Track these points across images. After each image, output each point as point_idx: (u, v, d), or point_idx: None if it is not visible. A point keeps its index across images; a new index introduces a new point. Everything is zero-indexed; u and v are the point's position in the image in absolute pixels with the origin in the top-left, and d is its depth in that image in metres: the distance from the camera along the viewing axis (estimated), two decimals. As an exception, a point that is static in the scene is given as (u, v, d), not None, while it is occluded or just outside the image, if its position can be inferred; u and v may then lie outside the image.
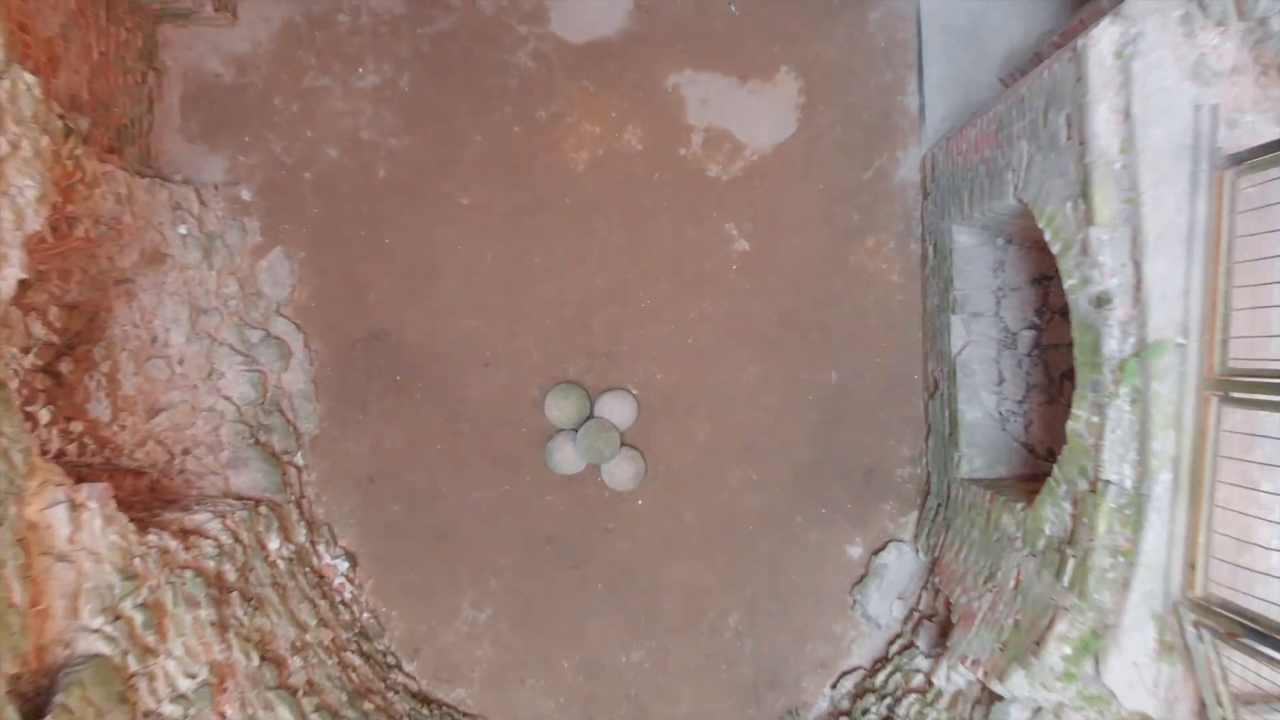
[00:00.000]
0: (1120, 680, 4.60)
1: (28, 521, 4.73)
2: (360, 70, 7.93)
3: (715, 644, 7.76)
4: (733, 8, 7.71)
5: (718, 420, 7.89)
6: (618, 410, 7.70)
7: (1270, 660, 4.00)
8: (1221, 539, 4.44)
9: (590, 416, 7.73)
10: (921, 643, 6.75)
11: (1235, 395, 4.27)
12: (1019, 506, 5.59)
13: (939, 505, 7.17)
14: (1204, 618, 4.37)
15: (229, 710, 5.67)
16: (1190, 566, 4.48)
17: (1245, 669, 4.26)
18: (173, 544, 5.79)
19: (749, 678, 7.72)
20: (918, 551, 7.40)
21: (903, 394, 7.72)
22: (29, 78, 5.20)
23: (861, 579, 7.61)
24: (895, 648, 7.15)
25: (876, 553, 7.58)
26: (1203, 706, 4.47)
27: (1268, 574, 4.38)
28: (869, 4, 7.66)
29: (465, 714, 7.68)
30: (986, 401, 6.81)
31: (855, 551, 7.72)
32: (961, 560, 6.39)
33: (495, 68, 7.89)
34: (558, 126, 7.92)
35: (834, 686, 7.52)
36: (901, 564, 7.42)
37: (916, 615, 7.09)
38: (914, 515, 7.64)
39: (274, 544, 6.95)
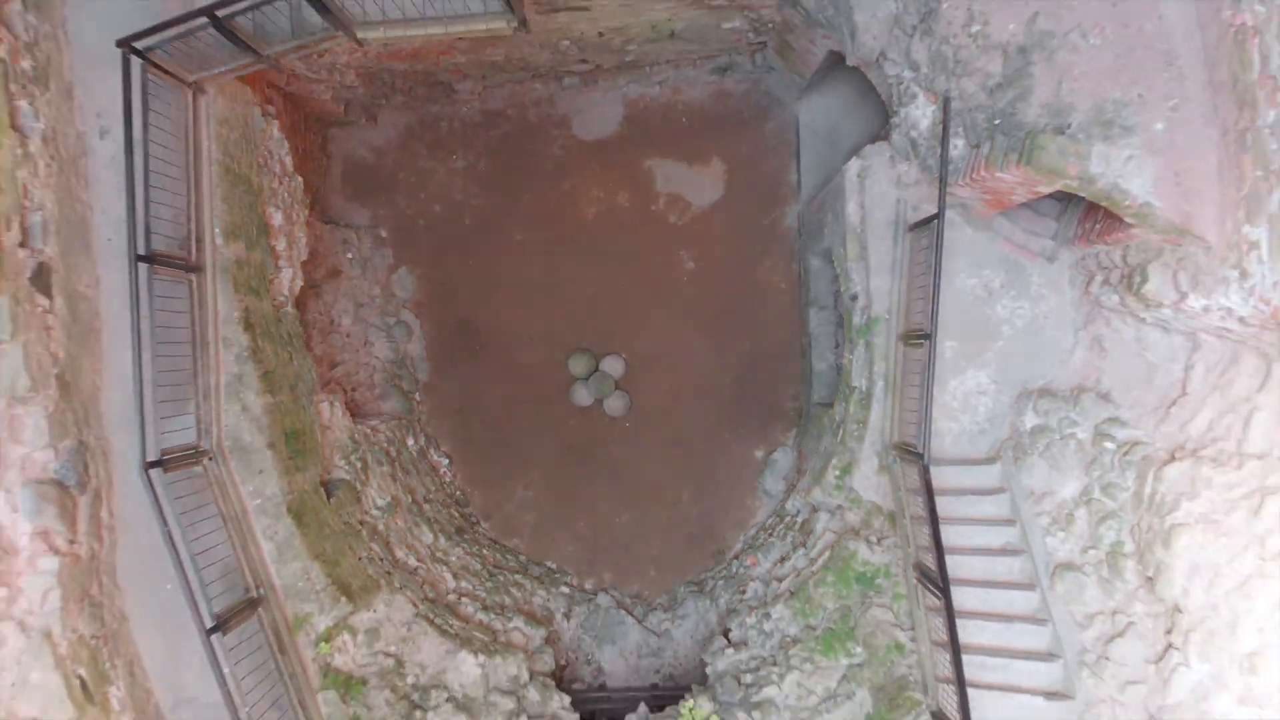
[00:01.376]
0: (861, 486, 8.66)
1: (315, 410, 8.83)
2: (453, 156, 12.03)
3: (673, 511, 11.83)
4: (685, 120, 11.81)
5: (676, 373, 11.95)
6: (614, 366, 11.78)
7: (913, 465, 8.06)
8: (907, 413, 8.49)
9: (596, 370, 11.81)
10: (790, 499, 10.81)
11: (910, 341, 8.34)
12: (830, 411, 9.67)
13: (805, 422, 11.26)
14: (898, 451, 8.43)
15: (399, 521, 9.74)
16: (892, 427, 8.56)
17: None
18: (367, 430, 9.88)
19: (694, 531, 11.78)
20: (794, 451, 11.48)
21: (787, 357, 11.79)
22: (299, 179, 9.32)
23: (762, 470, 11.69)
24: (779, 506, 11.23)
25: (771, 454, 11.66)
26: (894, 495, 8.54)
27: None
28: (766, 119, 11.75)
29: (519, 554, 11.74)
30: (829, 358, 10.90)
31: (759, 454, 11.79)
32: (809, 448, 10.48)
33: (537, 155, 11.98)
34: (576, 192, 12.00)
35: (744, 534, 11.60)
36: (785, 459, 11.49)
37: (791, 486, 11.17)
38: (794, 431, 11.72)
39: (410, 442, 11.05)
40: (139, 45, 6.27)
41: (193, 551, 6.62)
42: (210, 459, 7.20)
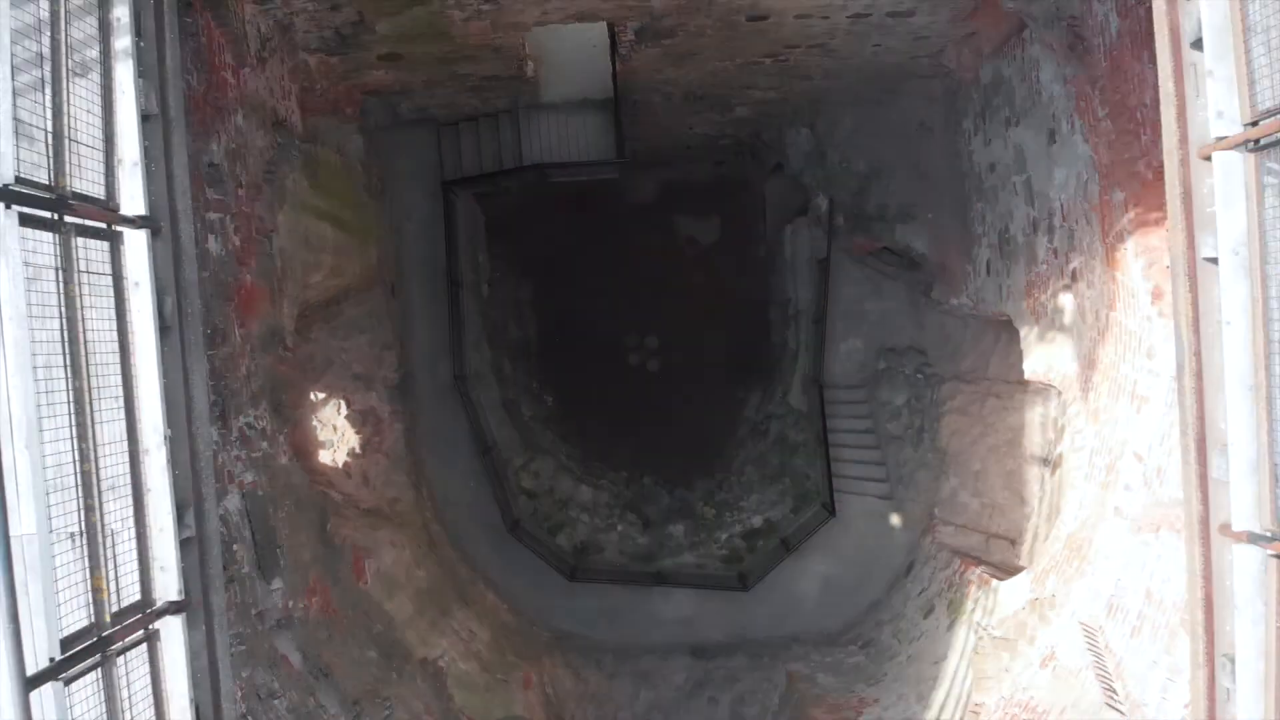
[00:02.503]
0: (793, 401, 15.67)
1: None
2: (555, 213, 19.05)
3: (688, 428, 18.79)
4: (691, 194, 18.85)
5: (690, 345, 18.93)
6: (652, 341, 18.79)
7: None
8: (816, 361, 15.47)
9: (642, 343, 18.82)
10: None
11: (816, 324, 15.33)
12: (779, 363, 16.67)
13: (767, 374, 18.30)
14: (811, 381, 15.40)
15: (537, 424, 16.72)
16: (808, 368, 15.54)
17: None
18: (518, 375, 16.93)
19: (701, 440, 18.76)
20: (761, 392, 18.49)
21: (758, 335, 18.78)
22: (484, 233, 16.41)
23: (744, 404, 18.69)
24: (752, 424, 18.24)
25: (748, 394, 18.67)
26: (809, 404, 15.53)
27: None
28: (745, 191, 18.76)
29: (595, 457, 18.70)
30: (781, 335, 17.91)
31: (741, 394, 18.81)
32: (776, 383, 17.53)
33: (606, 213, 18.99)
34: (628, 235, 19.00)
35: (731, 440, 18.58)
36: (755, 398, 18.49)
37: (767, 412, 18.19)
38: (761, 380, 18.72)
39: (533, 384, 18.08)
40: (451, 184, 13.32)
41: (470, 417, 13.65)
42: (465, 380, 14.22)
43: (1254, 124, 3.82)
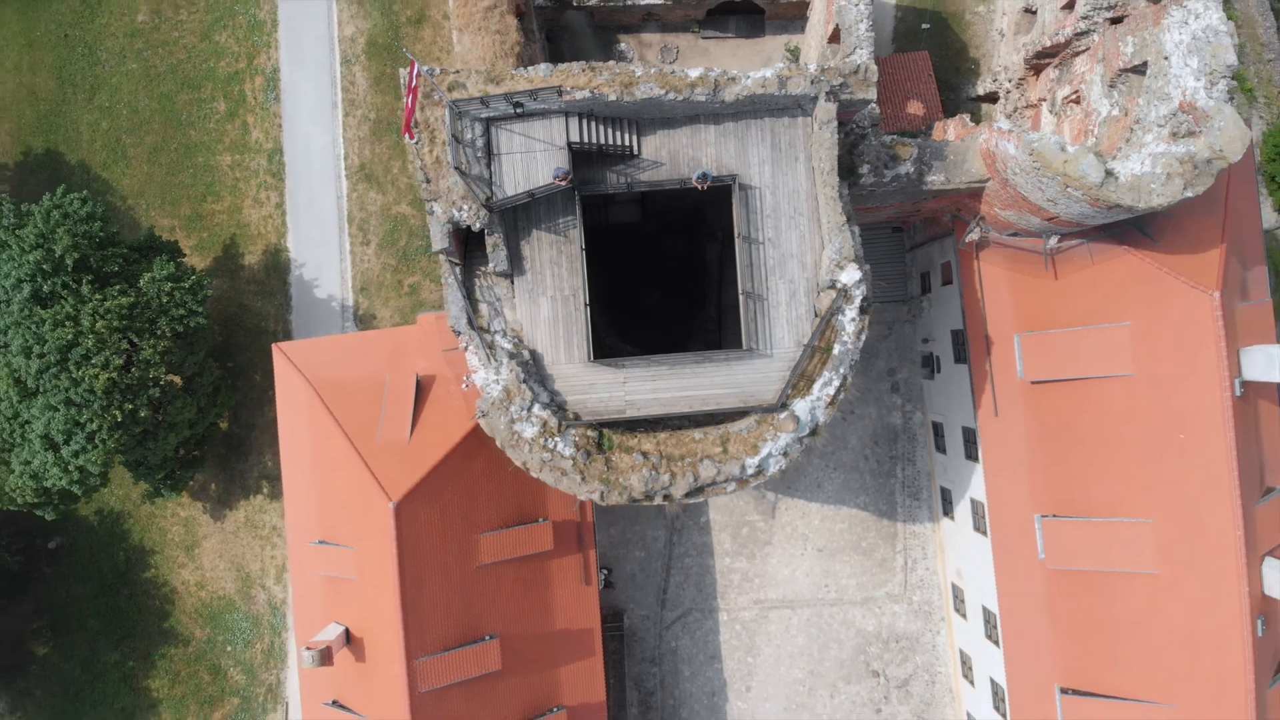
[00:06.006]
0: (712, 312, 38.56)
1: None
2: (614, 240, 41.87)
3: (672, 330, 41.52)
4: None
5: (675, 295, 41.58)
6: (657, 293, 41.60)
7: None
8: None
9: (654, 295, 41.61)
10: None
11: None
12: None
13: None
14: (717, 304, 38.18)
15: (609, 323, 39.52)
16: (717, 299, 38.31)
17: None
18: (602, 303, 39.89)
19: (676, 333, 41.49)
20: (702, 310, 41.18)
21: (703, 289, 41.47)
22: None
23: (694, 317, 41.39)
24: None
25: (696, 311, 41.39)
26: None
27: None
28: (696, 228, 41.46)
29: (630, 336, 41.48)
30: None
31: (693, 313, 41.62)
32: (706, 307, 40.40)
33: (635, 241, 41.74)
34: (647, 248, 41.71)
35: (689, 330, 41.26)
36: (700, 313, 41.22)
37: (703, 319, 40.89)
38: (702, 306, 41.43)
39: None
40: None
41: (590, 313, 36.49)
42: (588, 303, 37.04)
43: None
